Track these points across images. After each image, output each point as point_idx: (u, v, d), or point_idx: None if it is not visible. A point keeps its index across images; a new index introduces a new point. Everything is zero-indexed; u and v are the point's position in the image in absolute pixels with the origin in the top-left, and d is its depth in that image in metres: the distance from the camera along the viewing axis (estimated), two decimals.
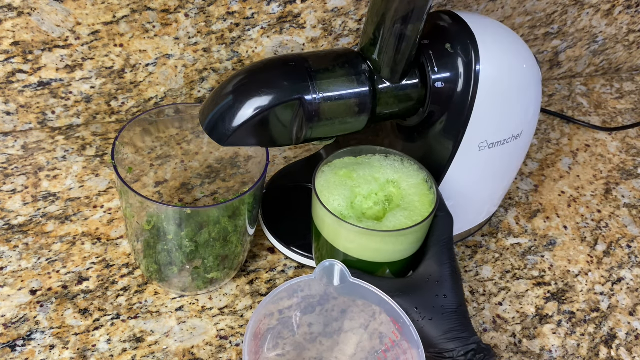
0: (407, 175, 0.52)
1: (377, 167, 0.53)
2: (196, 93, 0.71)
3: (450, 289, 0.47)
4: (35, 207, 0.60)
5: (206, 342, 0.53)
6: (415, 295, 0.47)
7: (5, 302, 0.53)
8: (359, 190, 0.51)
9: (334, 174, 0.52)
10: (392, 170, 0.52)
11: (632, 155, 0.81)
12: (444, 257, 0.48)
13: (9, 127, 0.67)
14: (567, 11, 0.81)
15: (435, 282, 0.47)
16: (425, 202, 0.50)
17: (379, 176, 0.52)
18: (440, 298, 0.47)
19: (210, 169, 0.62)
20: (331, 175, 0.52)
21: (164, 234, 0.49)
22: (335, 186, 0.51)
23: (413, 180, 0.52)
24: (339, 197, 0.50)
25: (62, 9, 0.59)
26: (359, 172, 0.52)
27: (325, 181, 0.51)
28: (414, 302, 0.46)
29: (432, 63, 0.50)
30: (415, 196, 0.51)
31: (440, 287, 0.47)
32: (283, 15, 0.67)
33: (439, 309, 0.46)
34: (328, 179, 0.51)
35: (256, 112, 0.45)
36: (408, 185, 0.51)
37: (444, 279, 0.47)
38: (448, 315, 0.46)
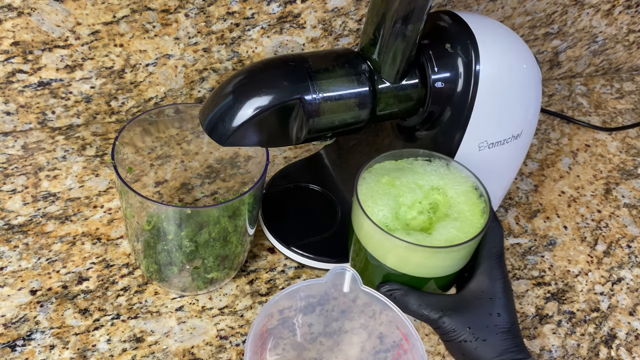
0: (454, 182, 0.49)
1: (420, 173, 0.49)
2: (196, 93, 0.71)
3: (504, 307, 0.44)
4: (35, 207, 0.60)
5: (206, 342, 0.53)
6: (467, 314, 0.44)
7: (5, 302, 0.53)
8: (402, 200, 0.48)
9: (377, 182, 0.49)
10: (437, 176, 0.49)
11: (632, 155, 0.81)
12: (497, 272, 0.45)
13: (9, 127, 0.67)
14: (567, 11, 0.81)
15: (488, 300, 0.44)
16: (476, 211, 0.47)
17: (422, 183, 0.49)
18: (494, 317, 0.44)
19: (210, 169, 0.62)
20: (373, 182, 0.48)
21: (164, 234, 0.49)
22: (379, 195, 0.48)
23: (461, 187, 0.48)
24: (384, 207, 0.47)
25: (62, 9, 0.59)
26: (401, 179, 0.49)
27: (368, 189, 0.48)
28: (466, 322, 0.43)
29: (432, 63, 0.50)
30: (464, 205, 0.47)
31: (493, 305, 0.44)
32: (283, 15, 0.67)
33: (492, 328, 0.43)
34: (371, 187, 0.48)
35: (256, 112, 0.45)
36: (456, 192, 0.48)
37: (497, 296, 0.44)
38: (502, 335, 0.43)
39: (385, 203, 0.47)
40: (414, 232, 0.45)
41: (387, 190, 0.48)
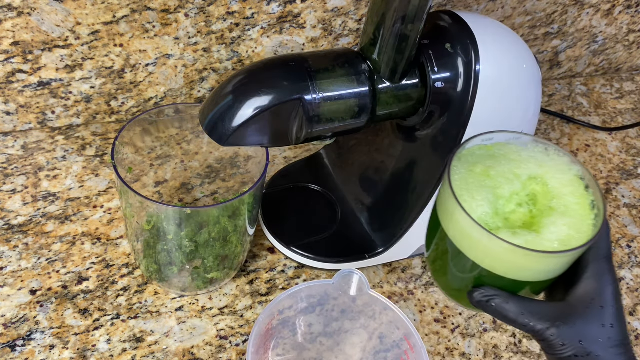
0: (555, 170, 0.43)
1: (516, 161, 0.44)
2: (196, 93, 0.71)
3: (616, 317, 0.39)
4: (35, 207, 0.60)
5: (206, 342, 0.53)
6: (578, 326, 0.38)
7: (5, 302, 0.53)
8: (500, 192, 0.42)
9: (469, 171, 0.43)
10: (534, 163, 0.43)
11: (632, 155, 0.81)
12: (607, 277, 0.39)
13: (9, 127, 0.67)
14: (567, 11, 0.81)
15: (599, 308, 0.39)
16: (585, 204, 0.41)
17: (520, 172, 0.43)
18: (607, 328, 0.38)
19: (210, 169, 0.62)
20: (466, 172, 0.43)
21: (164, 234, 0.49)
22: (475, 188, 0.42)
23: (564, 176, 0.43)
24: (483, 202, 0.41)
25: (62, 9, 0.59)
26: (497, 169, 0.43)
27: (461, 180, 0.42)
28: (577, 334, 0.38)
29: (432, 63, 0.50)
30: (571, 197, 0.41)
31: (604, 315, 0.39)
32: (283, 15, 0.67)
33: (605, 342, 0.38)
34: (464, 178, 0.42)
35: (256, 112, 0.45)
36: (559, 182, 0.42)
37: (609, 304, 0.39)
38: (616, 350, 0.38)
39: (484, 197, 0.41)
40: (520, 231, 0.40)
41: (483, 182, 0.42)
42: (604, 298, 0.39)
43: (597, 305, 0.39)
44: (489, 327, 0.58)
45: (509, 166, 0.43)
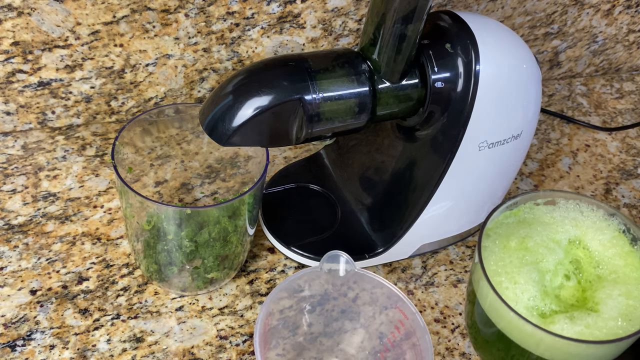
0: (593, 228, 0.38)
1: (550, 224, 0.39)
2: (196, 93, 0.71)
3: None
4: (35, 207, 0.60)
5: (206, 342, 0.53)
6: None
7: (5, 302, 0.53)
8: (544, 266, 0.37)
9: (504, 248, 0.38)
10: (570, 224, 0.38)
11: (632, 155, 0.81)
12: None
13: (9, 127, 0.67)
14: (567, 11, 0.81)
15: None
16: (636, 263, 0.36)
17: (559, 237, 0.38)
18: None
19: (210, 169, 0.62)
20: (501, 251, 0.38)
21: (164, 234, 0.49)
22: (515, 268, 0.36)
23: (605, 234, 0.38)
24: (527, 285, 0.36)
25: (62, 9, 0.59)
26: (534, 238, 0.38)
27: (497, 263, 0.37)
28: None
29: (432, 63, 0.50)
30: (617, 259, 0.36)
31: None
32: (283, 15, 0.67)
33: None
34: (499, 258, 0.37)
35: (256, 112, 0.45)
36: (600, 243, 0.37)
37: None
38: None
39: (528, 278, 0.36)
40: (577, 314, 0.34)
41: (522, 258, 0.37)
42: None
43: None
44: None
45: (546, 232, 0.38)
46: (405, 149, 0.56)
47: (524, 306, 0.35)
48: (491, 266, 0.37)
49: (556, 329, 0.34)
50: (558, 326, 0.34)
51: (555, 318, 0.34)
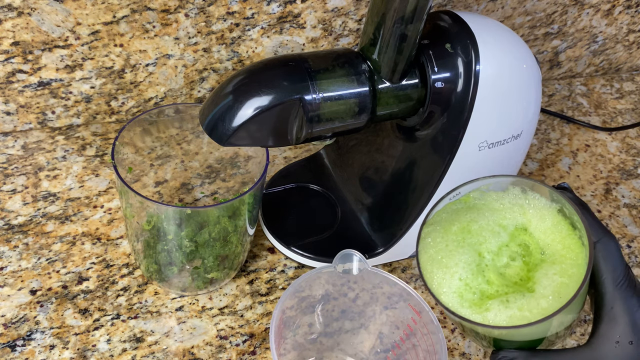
0: (537, 217, 0.39)
1: (499, 210, 0.40)
2: (196, 93, 0.71)
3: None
4: (35, 207, 0.60)
5: (206, 342, 0.53)
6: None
7: (5, 302, 0.53)
8: (487, 247, 0.39)
9: (445, 234, 0.39)
10: (518, 210, 0.39)
11: (632, 155, 0.81)
12: (630, 304, 0.34)
13: (9, 127, 0.67)
14: (567, 11, 0.81)
15: (628, 345, 0.34)
16: (572, 245, 0.37)
17: (506, 223, 0.39)
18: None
19: (210, 169, 0.62)
20: (440, 238, 0.39)
21: (164, 234, 0.49)
22: (451, 252, 0.38)
23: (547, 221, 0.39)
24: (457, 268, 0.38)
25: (62, 9, 0.59)
26: (479, 222, 0.39)
27: (435, 252, 0.38)
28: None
29: (432, 63, 0.50)
30: (557, 244, 0.38)
31: (637, 350, 0.33)
32: (283, 15, 0.67)
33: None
34: (439, 247, 0.39)
35: (256, 112, 0.45)
36: (542, 232, 0.39)
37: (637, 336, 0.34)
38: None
39: (459, 260, 0.38)
40: (512, 296, 0.36)
41: (462, 241, 0.39)
42: (632, 330, 0.33)
43: (626, 341, 0.34)
44: None
45: (493, 216, 0.39)
46: (405, 149, 0.56)
47: (454, 288, 0.37)
48: (425, 258, 0.38)
49: (491, 314, 0.36)
50: (492, 313, 0.35)
51: (490, 305, 0.36)
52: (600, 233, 0.36)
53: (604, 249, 0.35)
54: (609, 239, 0.36)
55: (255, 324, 0.54)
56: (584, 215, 0.36)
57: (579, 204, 0.36)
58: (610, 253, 0.35)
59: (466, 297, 0.38)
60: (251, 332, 0.54)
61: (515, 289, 0.37)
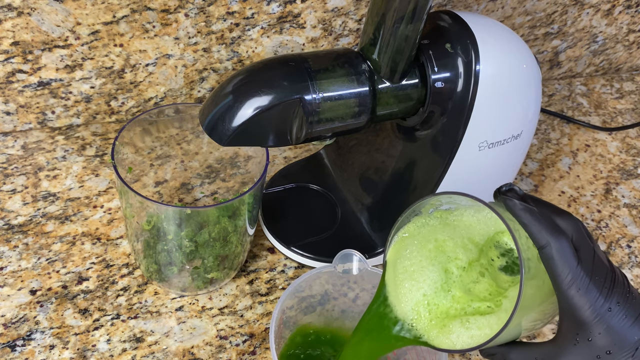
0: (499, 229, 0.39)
1: (473, 225, 0.40)
2: (196, 93, 0.71)
3: (611, 340, 0.34)
4: (35, 207, 0.60)
5: (206, 342, 0.53)
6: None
7: (5, 302, 0.53)
8: (456, 263, 0.40)
9: (420, 249, 0.40)
10: (493, 223, 0.40)
11: (632, 155, 0.81)
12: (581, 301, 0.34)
13: (9, 127, 0.67)
14: (567, 11, 0.81)
15: (587, 342, 0.34)
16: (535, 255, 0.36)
17: (477, 239, 0.40)
18: (604, 357, 0.34)
19: (210, 169, 0.62)
20: (417, 252, 0.40)
21: (163, 234, 0.49)
22: (421, 268, 0.40)
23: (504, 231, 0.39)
24: (424, 283, 0.39)
25: (62, 9, 0.59)
26: (454, 240, 0.40)
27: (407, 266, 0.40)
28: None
29: (432, 63, 0.50)
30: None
31: (594, 346, 0.34)
32: (283, 15, 0.67)
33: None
34: (413, 261, 0.40)
35: (256, 112, 0.45)
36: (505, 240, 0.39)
37: (596, 331, 0.34)
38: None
39: (426, 277, 0.39)
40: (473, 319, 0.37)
41: (433, 258, 0.40)
42: (587, 327, 0.34)
43: (584, 338, 0.34)
44: None
45: (467, 233, 0.40)
46: (405, 149, 0.56)
47: (414, 302, 0.39)
48: (405, 264, 0.40)
49: (454, 336, 0.37)
50: (454, 335, 0.37)
51: (452, 327, 0.37)
52: (545, 237, 0.35)
53: (547, 256, 0.35)
54: (555, 241, 0.35)
55: (255, 324, 0.54)
56: (528, 221, 0.35)
57: (523, 209, 0.35)
58: (555, 258, 0.34)
59: (423, 315, 0.39)
60: (251, 332, 0.54)
61: (481, 305, 0.38)
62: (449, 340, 0.37)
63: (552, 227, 0.35)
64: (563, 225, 0.35)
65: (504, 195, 0.36)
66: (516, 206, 0.35)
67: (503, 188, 0.37)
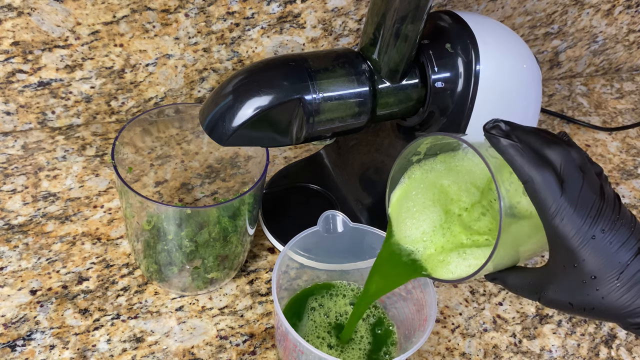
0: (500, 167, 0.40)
1: (474, 170, 0.43)
2: (196, 93, 0.71)
3: (596, 264, 0.35)
4: (35, 207, 0.60)
5: (206, 342, 0.53)
6: (561, 291, 0.37)
7: (5, 302, 0.53)
8: (459, 205, 0.42)
9: (425, 192, 0.43)
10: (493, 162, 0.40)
11: (632, 155, 0.81)
12: (567, 230, 0.35)
13: (9, 127, 0.67)
14: (567, 11, 0.81)
15: (573, 267, 0.36)
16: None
17: (479, 183, 0.42)
18: (590, 282, 0.36)
19: (210, 169, 0.62)
20: (422, 195, 0.43)
21: (164, 234, 0.49)
22: (423, 208, 0.43)
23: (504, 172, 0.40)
24: (424, 223, 0.43)
25: (62, 9, 0.59)
26: (458, 184, 0.43)
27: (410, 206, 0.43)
28: (564, 298, 0.37)
29: (432, 63, 0.50)
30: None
31: (581, 271, 0.36)
32: (283, 15, 0.67)
33: (594, 295, 0.36)
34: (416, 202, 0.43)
35: (256, 112, 0.45)
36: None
37: (580, 257, 0.35)
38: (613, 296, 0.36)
39: (426, 217, 0.42)
40: (470, 249, 0.40)
41: (437, 201, 0.43)
42: (572, 255, 0.35)
43: (570, 264, 0.36)
44: (489, 327, 0.58)
45: (470, 178, 0.42)
46: None
47: (412, 238, 0.43)
48: (409, 204, 0.44)
49: (452, 266, 0.41)
50: (453, 265, 0.40)
51: (450, 258, 0.41)
52: (527, 172, 0.36)
53: (530, 190, 0.36)
54: (538, 174, 0.35)
55: (255, 324, 0.54)
56: (510, 157, 0.36)
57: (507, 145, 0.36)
58: (538, 191, 0.35)
59: (422, 250, 0.43)
60: (251, 332, 0.54)
61: (480, 238, 0.41)
62: (448, 271, 0.41)
63: (535, 160, 0.35)
64: (552, 157, 0.36)
65: (489, 133, 0.37)
66: (500, 143, 0.36)
67: (487, 125, 0.37)
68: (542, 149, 0.36)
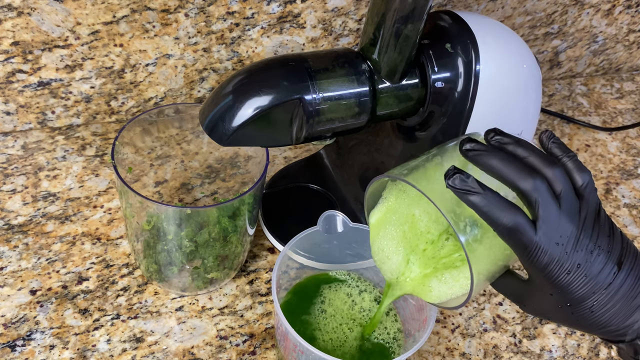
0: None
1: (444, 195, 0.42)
2: (196, 93, 0.71)
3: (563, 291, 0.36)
4: (35, 207, 0.60)
5: (206, 342, 0.53)
6: (540, 308, 0.38)
7: (5, 302, 0.53)
8: (427, 237, 0.42)
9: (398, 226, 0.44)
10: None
11: (632, 155, 0.81)
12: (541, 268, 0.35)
13: (9, 127, 0.67)
14: (567, 11, 0.81)
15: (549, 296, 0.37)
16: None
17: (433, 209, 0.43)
18: (564, 307, 0.37)
19: (210, 169, 0.62)
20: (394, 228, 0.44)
21: (163, 234, 0.49)
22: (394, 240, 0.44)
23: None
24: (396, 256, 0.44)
25: (62, 9, 0.59)
26: (428, 215, 0.43)
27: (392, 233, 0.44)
28: (544, 310, 0.38)
29: (432, 63, 0.50)
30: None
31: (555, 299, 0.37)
32: (283, 15, 0.67)
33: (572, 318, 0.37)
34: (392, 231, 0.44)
35: (256, 112, 0.45)
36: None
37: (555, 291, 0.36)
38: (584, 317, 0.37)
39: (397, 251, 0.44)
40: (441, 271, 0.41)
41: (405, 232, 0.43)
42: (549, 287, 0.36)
43: (546, 293, 0.36)
44: (489, 327, 0.58)
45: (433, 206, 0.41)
46: (405, 149, 0.56)
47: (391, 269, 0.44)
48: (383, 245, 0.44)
49: (434, 292, 0.41)
50: (435, 292, 0.41)
51: (431, 285, 0.41)
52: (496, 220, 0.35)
53: (503, 236, 0.35)
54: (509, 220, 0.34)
55: (255, 324, 0.54)
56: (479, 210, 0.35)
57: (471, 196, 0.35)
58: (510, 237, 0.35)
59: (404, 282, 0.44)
60: (251, 332, 0.54)
61: (449, 260, 0.41)
62: (433, 296, 0.42)
63: (503, 206, 0.35)
64: (525, 190, 0.35)
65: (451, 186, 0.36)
66: (464, 197, 0.35)
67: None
68: (515, 183, 0.36)
